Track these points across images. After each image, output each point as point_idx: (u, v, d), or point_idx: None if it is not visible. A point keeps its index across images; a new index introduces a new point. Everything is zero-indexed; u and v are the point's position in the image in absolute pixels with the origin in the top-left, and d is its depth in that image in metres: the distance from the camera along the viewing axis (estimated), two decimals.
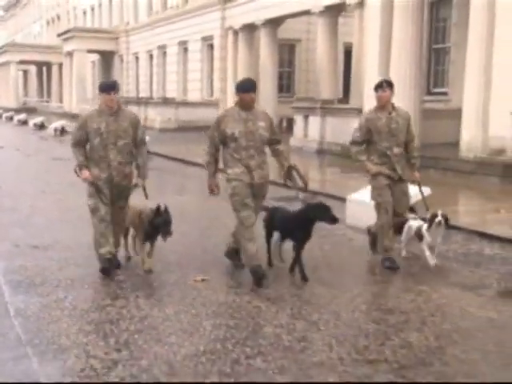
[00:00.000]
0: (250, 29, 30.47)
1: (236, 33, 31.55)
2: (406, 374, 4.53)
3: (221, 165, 7.01)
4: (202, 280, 6.70)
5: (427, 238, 7.37)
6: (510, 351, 5.05)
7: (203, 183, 7.22)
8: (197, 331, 5.31)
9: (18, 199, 11.92)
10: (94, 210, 6.91)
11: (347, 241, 9.03)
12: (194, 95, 35.89)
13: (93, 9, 54.70)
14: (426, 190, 9.54)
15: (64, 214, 10.53)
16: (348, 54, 27.21)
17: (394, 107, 7.50)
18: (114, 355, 4.78)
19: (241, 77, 31.02)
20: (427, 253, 7.41)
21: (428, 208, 7.57)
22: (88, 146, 6.99)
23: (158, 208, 6.74)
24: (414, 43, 17.33)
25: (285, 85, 33.87)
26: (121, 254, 7.43)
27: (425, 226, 7.42)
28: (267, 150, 7.04)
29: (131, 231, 7.51)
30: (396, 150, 7.46)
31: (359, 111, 19.22)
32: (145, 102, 34.76)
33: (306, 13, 26.31)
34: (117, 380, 4.39)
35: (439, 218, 7.20)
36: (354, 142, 7.70)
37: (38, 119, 36.34)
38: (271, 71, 29.49)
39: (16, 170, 16.88)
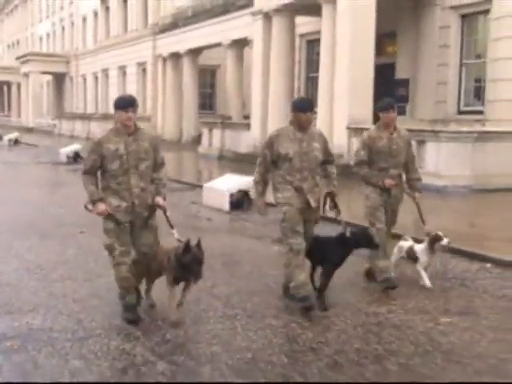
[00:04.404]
0: (176, 56, 33.05)
1: (165, 60, 34.16)
2: None
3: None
4: None
5: (423, 258, 6.67)
6: None
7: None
8: None
9: None
10: (111, 250, 5.45)
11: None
12: None
13: (48, 35, 56.62)
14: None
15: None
16: None
17: (395, 128, 6.66)
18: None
19: (169, 96, 33.83)
20: (423, 273, 6.67)
21: (424, 222, 6.75)
22: (99, 174, 5.49)
23: (188, 243, 5.14)
24: (287, 72, 20.36)
25: (207, 103, 36.64)
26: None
27: (418, 246, 6.76)
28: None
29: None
30: (392, 172, 6.60)
31: (248, 125, 22.15)
32: (88, 117, 37.14)
33: (218, 45, 29.08)
34: None
35: (446, 240, 6.55)
36: (360, 162, 6.66)
37: None
38: (192, 92, 32.15)
39: None
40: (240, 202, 12.08)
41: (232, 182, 12.25)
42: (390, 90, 19.57)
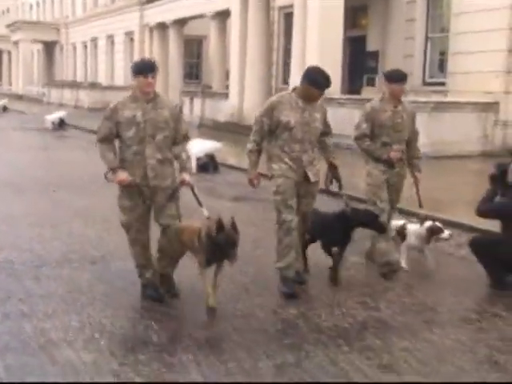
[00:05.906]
0: (162, 27, 33.55)
1: (151, 30, 34.68)
2: None
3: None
4: None
5: (411, 239, 6.31)
6: None
7: None
8: None
9: None
10: (128, 227, 5.21)
11: None
12: (119, 80, 38.86)
13: (38, 3, 56.87)
14: (218, 144, 13.45)
15: None
16: None
17: (400, 101, 6.21)
18: None
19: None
20: (404, 254, 6.37)
21: (422, 205, 6.42)
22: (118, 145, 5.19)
23: (220, 221, 4.77)
24: (264, 43, 21.16)
25: (194, 73, 37.34)
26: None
27: (412, 226, 6.45)
28: None
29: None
30: (395, 147, 6.17)
31: (227, 95, 22.98)
32: (77, 85, 37.83)
33: (202, 16, 29.71)
34: None
35: (447, 233, 6.22)
36: (362, 135, 6.21)
37: None
38: (177, 62, 32.75)
39: None
40: (206, 164, 13.02)
41: (199, 147, 13.13)
42: (360, 61, 20.49)
